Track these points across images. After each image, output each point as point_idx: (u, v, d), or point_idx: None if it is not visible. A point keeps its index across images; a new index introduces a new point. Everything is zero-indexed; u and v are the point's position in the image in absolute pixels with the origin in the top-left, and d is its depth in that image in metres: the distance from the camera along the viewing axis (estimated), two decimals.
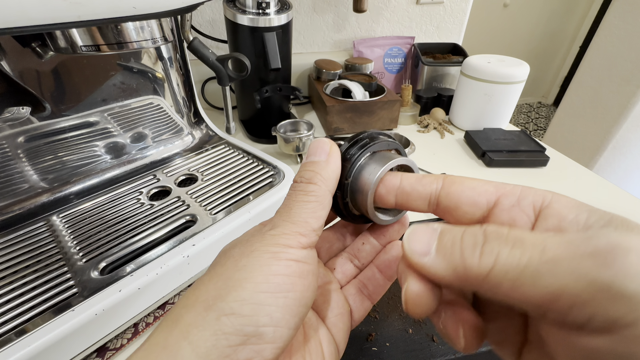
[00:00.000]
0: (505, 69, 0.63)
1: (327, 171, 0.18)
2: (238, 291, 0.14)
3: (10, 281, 0.31)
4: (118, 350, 0.32)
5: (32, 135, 0.38)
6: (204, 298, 0.14)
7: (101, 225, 0.37)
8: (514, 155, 0.61)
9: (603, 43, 1.38)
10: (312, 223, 0.17)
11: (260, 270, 0.15)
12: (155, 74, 0.46)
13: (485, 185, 0.15)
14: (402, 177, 0.18)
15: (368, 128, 0.70)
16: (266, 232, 0.16)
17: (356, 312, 0.21)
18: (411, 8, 0.89)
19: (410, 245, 0.14)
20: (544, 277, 0.10)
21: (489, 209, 0.15)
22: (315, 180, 0.18)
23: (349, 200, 0.20)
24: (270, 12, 0.55)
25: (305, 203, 0.17)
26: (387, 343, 0.31)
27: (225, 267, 0.15)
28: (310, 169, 0.18)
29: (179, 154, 0.50)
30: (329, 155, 0.18)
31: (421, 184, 0.17)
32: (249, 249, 0.16)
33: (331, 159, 0.18)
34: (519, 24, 2.64)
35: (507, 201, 0.14)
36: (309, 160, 0.19)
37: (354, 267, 0.22)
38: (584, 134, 1.50)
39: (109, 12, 0.29)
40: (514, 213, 0.14)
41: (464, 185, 0.16)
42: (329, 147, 0.19)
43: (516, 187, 0.15)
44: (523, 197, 0.14)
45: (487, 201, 0.15)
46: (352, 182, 0.19)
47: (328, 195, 0.18)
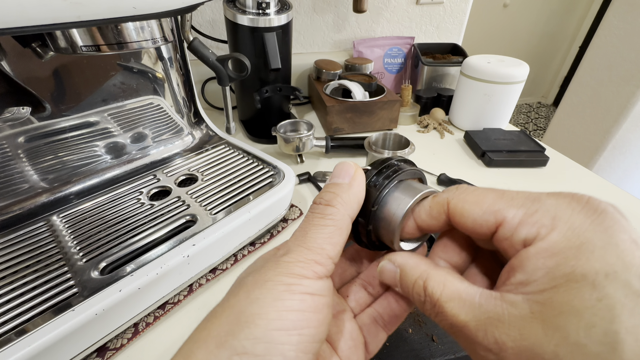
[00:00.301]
0: (505, 69, 0.63)
1: (348, 194, 0.17)
2: (251, 328, 0.13)
3: (10, 281, 0.31)
4: (118, 350, 0.32)
5: (32, 135, 0.38)
6: (216, 333, 0.14)
7: (101, 225, 0.37)
8: (514, 155, 0.61)
9: (603, 43, 1.38)
10: (328, 250, 0.16)
11: (273, 305, 0.14)
12: (155, 74, 0.46)
13: (486, 215, 0.15)
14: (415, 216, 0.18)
15: (368, 128, 0.70)
16: (280, 257, 0.16)
17: (371, 343, 0.20)
18: (411, 8, 0.89)
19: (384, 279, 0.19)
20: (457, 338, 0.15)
21: (492, 233, 0.15)
22: (334, 202, 0.17)
23: (372, 228, 0.19)
24: (270, 12, 0.55)
25: (323, 227, 0.16)
26: (387, 343, 0.31)
27: (238, 299, 0.15)
28: (332, 190, 0.17)
29: (179, 154, 0.50)
30: (353, 179, 0.18)
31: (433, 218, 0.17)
32: (263, 278, 0.15)
33: (354, 183, 0.18)
34: (519, 24, 2.64)
35: (503, 232, 0.15)
36: (331, 182, 0.18)
37: (367, 295, 0.21)
38: (583, 134, 1.50)
39: (109, 12, 0.29)
40: (505, 245, 0.15)
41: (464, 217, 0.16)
42: (354, 171, 0.18)
43: (517, 216, 0.14)
44: (518, 231, 0.14)
45: (489, 230, 0.15)
46: (378, 210, 0.18)
47: (347, 220, 0.17)
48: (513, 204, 0.15)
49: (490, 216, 0.15)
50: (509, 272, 0.14)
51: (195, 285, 0.38)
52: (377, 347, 0.20)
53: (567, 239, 0.13)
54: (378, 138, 0.53)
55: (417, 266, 0.17)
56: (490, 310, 0.14)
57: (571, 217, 0.13)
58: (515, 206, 0.15)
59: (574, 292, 0.12)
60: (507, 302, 0.13)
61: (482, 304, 0.14)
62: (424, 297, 0.16)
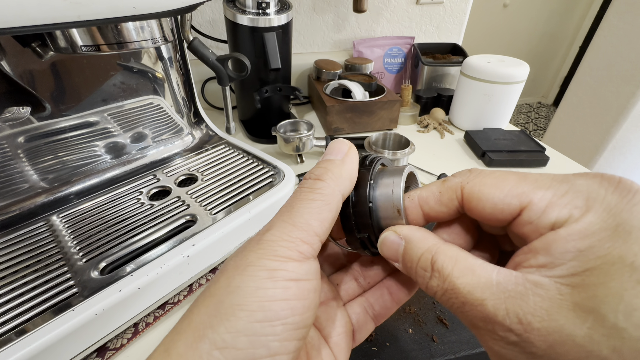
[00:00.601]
0: (505, 69, 0.63)
1: (340, 170, 0.16)
2: (231, 321, 0.13)
3: (10, 281, 0.31)
4: (118, 350, 0.32)
5: (32, 135, 0.38)
6: (195, 324, 0.13)
7: (101, 225, 0.37)
8: (514, 155, 0.61)
9: (603, 43, 1.38)
10: (315, 226, 0.15)
11: (255, 295, 0.13)
12: (155, 74, 0.46)
13: (508, 197, 0.14)
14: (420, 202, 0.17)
15: (368, 128, 0.70)
16: (262, 235, 0.15)
17: (358, 332, 0.20)
18: (411, 8, 0.89)
19: (384, 252, 0.17)
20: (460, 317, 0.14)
21: (513, 217, 0.14)
22: (325, 177, 0.16)
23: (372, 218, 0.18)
24: (270, 12, 0.55)
25: (310, 201, 0.15)
26: (387, 343, 0.31)
27: (218, 286, 0.14)
28: (323, 166, 0.17)
29: (179, 154, 0.50)
30: (346, 155, 0.17)
31: (443, 205, 0.16)
32: (244, 262, 0.14)
33: (347, 159, 0.17)
34: (519, 24, 2.64)
35: (527, 216, 0.14)
36: (324, 159, 0.17)
37: (357, 286, 0.21)
38: (583, 134, 1.50)
39: (109, 12, 0.29)
40: (527, 230, 0.14)
41: (482, 201, 0.15)
42: (347, 148, 0.17)
43: (544, 198, 0.13)
44: (546, 213, 0.13)
45: (511, 215, 0.14)
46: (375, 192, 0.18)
47: (338, 196, 0.16)
48: (539, 185, 0.14)
49: (514, 199, 0.14)
50: (528, 255, 0.13)
51: (195, 285, 0.38)
52: (363, 336, 0.20)
53: (603, 220, 0.12)
54: (378, 138, 0.53)
55: (424, 239, 0.16)
56: (511, 289, 0.12)
57: (606, 197, 0.12)
58: (543, 188, 0.13)
59: (611, 274, 0.11)
60: (530, 282, 0.12)
61: (500, 281, 0.13)
62: (430, 273, 0.15)
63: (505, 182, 0.14)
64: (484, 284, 0.13)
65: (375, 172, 0.18)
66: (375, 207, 0.18)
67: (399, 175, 0.17)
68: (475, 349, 0.31)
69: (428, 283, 0.15)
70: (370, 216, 0.17)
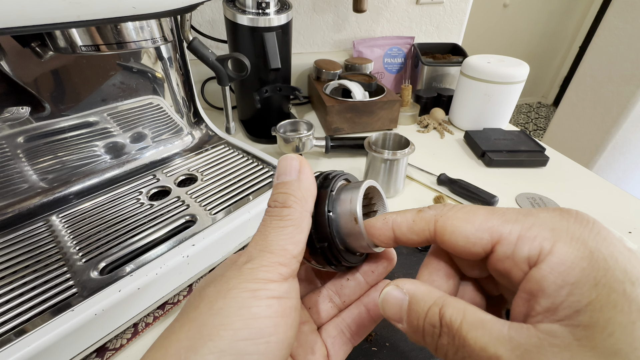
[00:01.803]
0: (505, 69, 0.63)
1: (300, 190, 0.17)
2: (215, 341, 0.13)
3: (10, 281, 0.31)
4: (118, 350, 0.32)
5: (32, 135, 0.38)
6: (175, 350, 0.13)
7: (101, 225, 0.37)
8: (514, 155, 0.61)
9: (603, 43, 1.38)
10: (291, 250, 0.15)
11: (239, 314, 0.13)
12: (155, 74, 0.46)
13: (479, 232, 0.14)
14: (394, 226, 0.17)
15: (368, 128, 0.70)
16: (242, 265, 0.15)
17: (334, 356, 0.19)
18: (411, 8, 0.89)
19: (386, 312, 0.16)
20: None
21: (486, 253, 0.14)
22: (289, 202, 0.16)
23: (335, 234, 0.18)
24: (270, 12, 0.55)
25: (282, 229, 0.16)
26: (387, 343, 0.31)
27: (199, 311, 0.14)
28: (282, 190, 0.17)
29: (179, 154, 0.50)
30: (300, 173, 0.17)
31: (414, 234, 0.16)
32: (225, 287, 0.14)
33: (303, 177, 0.17)
34: (519, 24, 2.64)
35: (502, 250, 0.14)
36: (279, 182, 0.17)
37: (332, 307, 0.20)
38: (583, 134, 1.50)
39: (109, 12, 0.29)
40: (508, 265, 0.14)
41: (455, 235, 0.15)
42: (299, 164, 0.17)
43: (514, 232, 0.14)
44: (519, 247, 0.13)
45: (484, 249, 0.14)
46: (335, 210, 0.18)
47: (306, 216, 0.16)
48: (506, 219, 0.14)
49: (484, 233, 0.14)
50: (529, 301, 0.13)
51: (195, 285, 0.38)
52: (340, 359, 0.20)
53: (575, 249, 0.12)
54: (378, 138, 0.53)
55: (430, 293, 0.15)
56: (526, 342, 0.12)
57: (569, 227, 0.13)
58: (510, 221, 0.14)
59: (614, 306, 0.11)
60: (543, 332, 0.12)
61: (513, 336, 0.12)
62: (439, 329, 0.14)
63: (475, 216, 0.15)
64: (496, 339, 0.12)
65: (336, 186, 0.18)
66: (335, 216, 0.18)
67: (357, 188, 0.18)
68: None
69: (438, 342, 0.14)
70: (328, 225, 0.18)
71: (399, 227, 0.17)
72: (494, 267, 0.14)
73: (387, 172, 0.51)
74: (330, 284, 0.21)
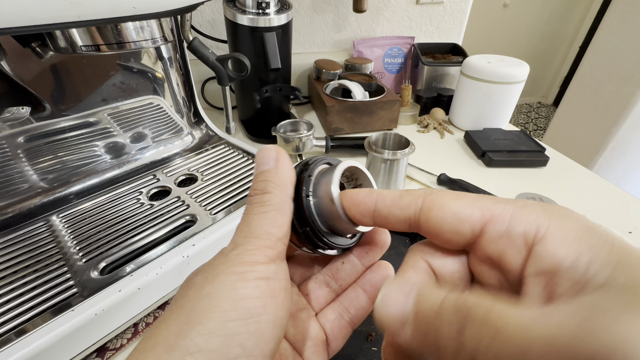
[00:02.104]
0: (505, 69, 0.63)
1: (278, 177, 0.17)
2: (203, 324, 0.12)
3: (10, 281, 0.31)
4: (118, 350, 0.32)
5: (32, 135, 0.38)
6: (164, 337, 0.13)
7: (101, 225, 0.37)
8: (514, 155, 0.61)
9: (603, 43, 1.38)
10: (275, 232, 0.15)
11: (227, 296, 0.13)
12: (155, 74, 0.46)
13: (470, 208, 0.14)
14: (378, 198, 0.16)
15: (368, 128, 0.70)
16: (229, 252, 0.15)
17: (334, 340, 0.19)
18: (411, 8, 0.89)
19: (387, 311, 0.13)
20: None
21: (474, 236, 0.14)
22: (268, 188, 0.16)
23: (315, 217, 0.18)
24: (270, 12, 0.55)
25: (264, 214, 0.16)
26: None
27: (187, 298, 0.14)
28: (261, 179, 0.17)
29: (179, 154, 0.50)
30: (278, 161, 0.17)
31: (399, 207, 0.15)
32: (212, 273, 0.14)
33: (280, 164, 0.17)
34: (519, 24, 2.64)
35: (495, 229, 0.13)
36: (258, 171, 0.17)
37: (329, 292, 0.20)
38: (583, 134, 1.50)
39: (109, 12, 0.29)
40: (502, 245, 0.13)
41: (444, 210, 0.14)
42: (276, 153, 0.18)
43: (506, 210, 0.13)
44: (513, 224, 0.13)
45: (472, 229, 0.13)
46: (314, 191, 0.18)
47: (287, 201, 0.17)
48: (497, 201, 0.14)
49: (475, 210, 0.13)
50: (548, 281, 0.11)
51: None
52: (340, 344, 0.20)
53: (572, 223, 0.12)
54: (378, 138, 0.53)
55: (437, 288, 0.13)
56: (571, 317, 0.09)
57: (560, 210, 0.13)
58: (501, 202, 0.13)
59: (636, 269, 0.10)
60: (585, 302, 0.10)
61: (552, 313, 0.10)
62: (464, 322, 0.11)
63: (466, 196, 0.14)
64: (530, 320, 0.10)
65: (315, 170, 0.18)
66: (315, 200, 0.18)
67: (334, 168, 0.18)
68: None
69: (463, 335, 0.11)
70: (307, 208, 0.18)
71: (384, 199, 0.16)
72: (484, 251, 0.13)
73: (387, 172, 0.51)
74: (326, 269, 0.21)
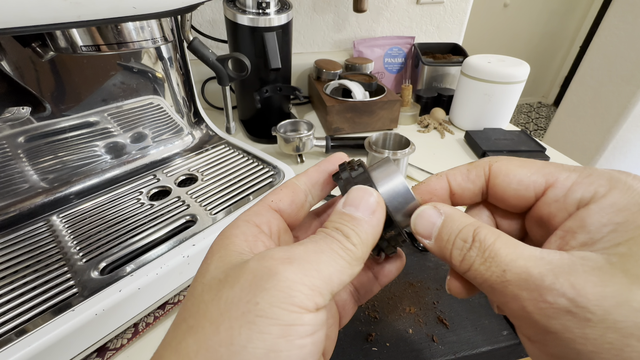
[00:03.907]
0: (505, 69, 0.63)
1: (370, 235, 0.15)
2: None
3: (10, 281, 0.31)
4: (118, 350, 0.32)
5: (32, 135, 0.38)
6: None
7: (101, 225, 0.37)
8: (514, 155, 0.61)
9: (603, 43, 1.37)
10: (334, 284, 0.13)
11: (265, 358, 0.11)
12: (155, 74, 0.46)
13: (535, 175, 0.15)
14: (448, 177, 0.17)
15: (368, 128, 0.70)
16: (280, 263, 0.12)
17: (344, 317, 0.20)
18: (411, 8, 0.89)
19: (417, 227, 0.16)
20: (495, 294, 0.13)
21: (537, 198, 0.15)
22: (355, 241, 0.15)
23: None
24: (270, 12, 0.55)
25: (339, 258, 0.14)
26: (387, 343, 0.31)
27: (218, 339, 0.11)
28: (352, 226, 0.15)
29: (179, 154, 0.50)
30: (373, 214, 0.15)
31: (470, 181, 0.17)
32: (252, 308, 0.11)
33: (375, 220, 0.15)
34: (519, 24, 2.63)
35: (553, 194, 0.14)
36: (349, 213, 0.15)
37: None
38: (584, 134, 1.50)
39: (109, 12, 0.29)
40: (554, 209, 0.14)
41: (509, 176, 0.15)
42: (376, 204, 0.15)
43: (571, 177, 0.14)
44: (573, 191, 0.14)
45: (535, 193, 0.15)
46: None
47: (361, 264, 0.15)
48: (564, 168, 0.14)
49: (540, 177, 0.14)
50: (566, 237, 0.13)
51: None
52: (347, 321, 0.20)
53: (630, 197, 0.12)
54: (378, 138, 0.53)
55: (465, 216, 0.16)
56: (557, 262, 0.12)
57: (627, 180, 0.13)
58: (568, 170, 0.14)
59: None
60: (577, 257, 0.12)
61: (544, 256, 0.13)
62: (470, 243, 0.14)
63: (532, 163, 0.15)
64: (527, 256, 0.13)
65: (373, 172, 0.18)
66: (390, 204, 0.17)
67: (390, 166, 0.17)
68: (475, 349, 0.31)
69: (466, 253, 0.14)
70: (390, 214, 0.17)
71: (454, 177, 0.17)
72: (537, 213, 0.15)
73: None
74: None
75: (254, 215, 0.16)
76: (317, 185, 0.18)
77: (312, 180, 0.18)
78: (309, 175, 0.18)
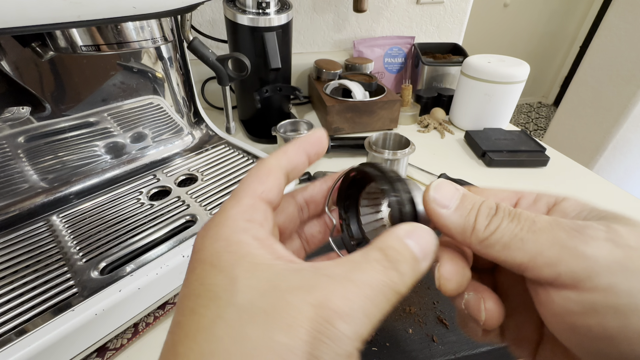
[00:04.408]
0: (505, 68, 0.63)
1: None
2: None
3: (10, 281, 0.31)
4: (118, 350, 0.32)
5: (32, 135, 0.38)
6: None
7: (101, 225, 0.37)
8: (514, 155, 0.61)
9: (603, 43, 1.37)
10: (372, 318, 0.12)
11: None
12: (155, 74, 0.46)
13: (505, 192, 0.18)
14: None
15: (368, 128, 0.70)
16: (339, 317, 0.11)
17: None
18: (411, 8, 0.89)
19: (436, 195, 0.16)
20: (528, 243, 0.13)
21: None
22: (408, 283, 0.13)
23: None
24: (270, 12, 0.55)
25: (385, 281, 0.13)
26: (387, 343, 0.31)
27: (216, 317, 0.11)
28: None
29: (179, 154, 0.50)
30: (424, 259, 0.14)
31: None
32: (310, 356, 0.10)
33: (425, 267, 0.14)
34: (519, 24, 2.63)
35: (525, 201, 0.17)
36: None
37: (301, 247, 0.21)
38: (584, 134, 1.50)
39: (109, 12, 0.29)
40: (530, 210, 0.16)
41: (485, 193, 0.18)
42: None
43: (533, 192, 0.17)
44: (539, 198, 0.17)
45: (510, 204, 0.17)
46: None
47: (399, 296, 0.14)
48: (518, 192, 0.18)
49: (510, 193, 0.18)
50: None
51: None
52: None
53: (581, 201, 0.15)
54: (378, 138, 0.53)
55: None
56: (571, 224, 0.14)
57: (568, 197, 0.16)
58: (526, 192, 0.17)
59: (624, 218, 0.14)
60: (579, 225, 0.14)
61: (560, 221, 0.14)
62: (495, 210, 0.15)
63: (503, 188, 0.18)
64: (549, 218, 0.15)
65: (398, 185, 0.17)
66: None
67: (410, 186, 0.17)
68: (475, 349, 0.31)
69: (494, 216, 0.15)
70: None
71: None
72: None
73: None
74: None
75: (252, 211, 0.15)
76: (296, 168, 0.18)
77: (293, 163, 0.17)
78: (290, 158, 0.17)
